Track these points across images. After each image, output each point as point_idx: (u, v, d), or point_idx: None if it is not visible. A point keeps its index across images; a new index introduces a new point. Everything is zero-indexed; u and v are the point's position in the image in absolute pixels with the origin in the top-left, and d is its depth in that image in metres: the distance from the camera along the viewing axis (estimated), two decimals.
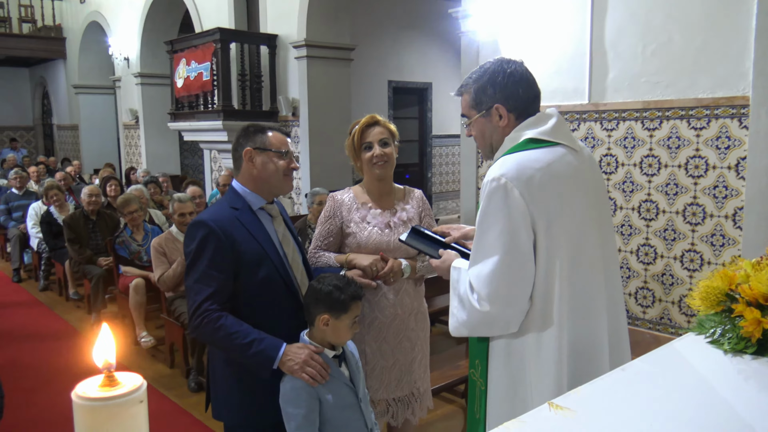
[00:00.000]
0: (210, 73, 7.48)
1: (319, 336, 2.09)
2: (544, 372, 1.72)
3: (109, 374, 0.66)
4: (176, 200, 4.61)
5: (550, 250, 1.69)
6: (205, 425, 3.59)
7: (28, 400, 3.95)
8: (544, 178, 1.69)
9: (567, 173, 1.75)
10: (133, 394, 0.64)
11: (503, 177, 1.67)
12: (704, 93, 4.05)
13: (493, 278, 1.67)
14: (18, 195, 7.79)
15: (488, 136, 1.87)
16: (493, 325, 1.74)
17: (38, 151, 16.53)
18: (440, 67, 11.54)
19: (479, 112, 1.85)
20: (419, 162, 11.89)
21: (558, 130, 1.79)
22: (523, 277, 1.68)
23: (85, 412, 0.63)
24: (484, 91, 1.83)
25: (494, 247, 1.67)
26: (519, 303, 1.70)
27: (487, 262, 1.69)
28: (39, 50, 14.26)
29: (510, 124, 1.82)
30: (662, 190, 4.33)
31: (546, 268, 1.69)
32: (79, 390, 0.66)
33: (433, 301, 4.55)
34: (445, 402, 3.91)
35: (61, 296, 6.57)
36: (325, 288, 2.06)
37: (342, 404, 2.06)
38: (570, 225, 1.73)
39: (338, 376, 2.08)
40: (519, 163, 1.70)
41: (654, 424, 1.08)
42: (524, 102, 1.81)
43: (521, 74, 1.83)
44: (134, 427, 0.64)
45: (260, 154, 2.15)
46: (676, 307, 4.35)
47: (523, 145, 1.76)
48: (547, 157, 1.73)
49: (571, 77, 4.74)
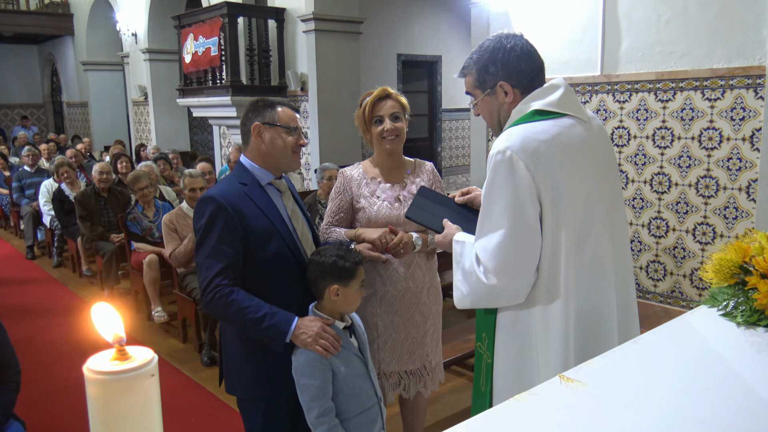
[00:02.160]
0: (218, 48, 7.43)
1: (329, 307, 2.11)
2: (550, 344, 1.72)
3: (120, 348, 0.66)
4: (187, 175, 4.62)
5: (557, 223, 1.68)
6: (219, 399, 3.64)
7: (44, 374, 4.02)
8: (550, 150, 1.67)
9: (574, 145, 1.73)
10: (144, 368, 0.64)
11: (508, 149, 1.66)
12: (719, 63, 3.98)
13: (499, 251, 1.67)
14: (30, 172, 7.83)
15: (496, 113, 1.86)
16: (500, 298, 1.75)
17: (48, 128, 16.59)
18: (450, 39, 11.41)
19: (484, 92, 1.84)
20: (429, 136, 11.83)
21: (565, 101, 1.77)
22: (530, 249, 1.68)
23: (97, 385, 0.64)
24: (486, 69, 1.82)
25: (500, 220, 1.67)
26: (525, 275, 1.69)
27: (493, 236, 1.68)
28: (47, 27, 14.21)
29: (516, 99, 1.80)
30: (675, 162, 4.28)
31: (552, 240, 1.68)
32: (90, 364, 0.66)
33: (445, 274, 4.55)
34: (455, 375, 3.93)
35: (75, 273, 6.63)
36: (328, 260, 2.08)
37: (353, 374, 2.09)
38: (577, 197, 1.71)
39: (349, 347, 2.11)
40: (524, 134, 1.68)
41: (666, 397, 1.08)
42: (528, 76, 1.79)
43: (522, 48, 1.80)
44: (146, 400, 0.64)
45: (269, 130, 2.14)
46: (687, 281, 4.33)
47: (530, 116, 1.74)
48: (553, 129, 1.71)
49: (584, 48, 4.67)
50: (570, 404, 1.05)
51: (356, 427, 2.09)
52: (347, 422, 2.07)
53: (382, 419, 2.18)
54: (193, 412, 3.54)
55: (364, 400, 2.11)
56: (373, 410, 2.14)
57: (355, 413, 2.09)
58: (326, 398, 2.03)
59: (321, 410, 2.02)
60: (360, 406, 2.10)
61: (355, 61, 7.64)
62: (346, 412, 2.07)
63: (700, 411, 1.03)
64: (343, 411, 2.07)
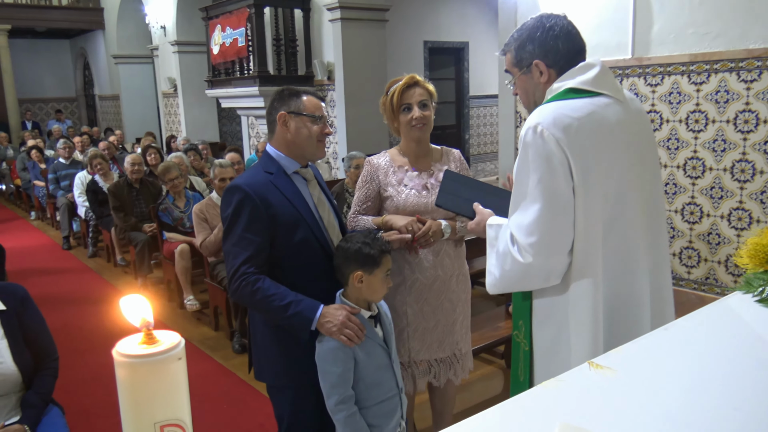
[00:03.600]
0: (245, 39, 7.47)
1: (354, 295, 2.11)
2: (580, 329, 1.70)
3: (148, 332, 0.67)
4: (217, 165, 4.68)
5: (588, 202, 1.65)
6: (250, 385, 3.69)
7: (80, 361, 4.12)
8: (582, 127, 1.64)
9: (608, 123, 1.69)
10: (171, 351, 0.65)
11: (539, 125, 1.64)
12: (755, 43, 3.86)
13: (535, 227, 1.64)
14: (65, 164, 8.00)
15: (531, 93, 1.84)
16: (534, 278, 1.71)
17: (81, 121, 16.91)
18: (478, 25, 11.28)
19: (521, 70, 1.82)
20: (456, 123, 11.74)
21: (601, 80, 1.73)
22: (565, 225, 1.65)
23: (126, 368, 0.65)
24: (524, 47, 1.80)
25: (534, 195, 1.64)
26: (561, 252, 1.66)
27: (527, 212, 1.66)
28: (78, 21, 14.47)
29: (551, 79, 1.77)
30: (709, 146, 4.18)
31: (585, 219, 1.66)
32: (119, 347, 0.68)
33: (473, 262, 4.53)
34: (484, 363, 3.93)
35: (109, 262, 6.78)
36: (353, 246, 2.07)
37: (375, 364, 2.09)
38: (608, 178, 1.68)
39: (373, 337, 2.11)
40: (556, 111, 1.66)
41: (699, 383, 1.06)
42: (565, 56, 1.76)
43: (561, 28, 1.77)
44: (174, 383, 0.66)
45: (294, 119, 2.14)
46: (722, 267, 4.24)
47: (563, 94, 1.71)
48: (587, 107, 1.68)
49: (614, 31, 4.57)
50: (599, 391, 1.04)
51: (375, 416, 2.09)
52: (366, 410, 2.08)
53: (401, 410, 2.18)
54: (224, 398, 3.60)
55: (384, 390, 2.11)
56: (393, 401, 2.13)
57: (375, 402, 2.09)
58: (346, 386, 2.04)
59: (341, 397, 2.03)
60: (380, 396, 2.10)
61: (381, 49, 7.61)
62: (366, 401, 2.09)
63: (734, 397, 1.01)
64: (362, 399, 2.08)
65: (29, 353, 2.37)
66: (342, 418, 2.04)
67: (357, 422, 2.05)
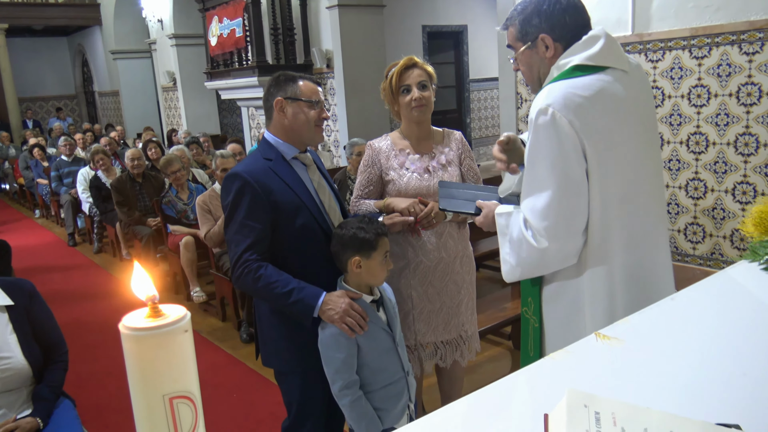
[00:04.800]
0: (243, 29, 7.44)
1: (354, 280, 2.10)
2: (597, 305, 1.70)
3: (153, 305, 0.67)
4: (219, 156, 4.68)
5: (603, 181, 1.64)
6: (259, 373, 3.71)
7: (91, 355, 4.15)
8: (593, 106, 1.62)
9: (618, 100, 1.67)
10: (178, 323, 0.66)
11: (550, 107, 1.61)
12: (757, 15, 3.82)
13: (549, 212, 1.63)
14: (67, 162, 8.01)
15: (536, 68, 1.80)
16: (551, 262, 1.70)
17: (82, 118, 16.91)
18: (476, 7, 11.19)
19: (525, 44, 1.78)
20: (457, 107, 11.68)
21: (606, 52, 1.70)
22: (579, 208, 1.64)
23: (133, 341, 0.65)
24: (530, 21, 1.76)
25: (547, 179, 1.63)
26: (576, 235, 1.66)
27: (540, 196, 1.64)
28: (75, 18, 14.43)
29: (557, 54, 1.74)
30: (712, 121, 4.15)
31: (600, 199, 1.65)
32: (126, 321, 0.68)
33: (478, 245, 4.53)
34: (492, 344, 3.94)
35: (115, 257, 6.80)
36: (348, 232, 2.06)
37: (379, 348, 2.09)
38: (622, 155, 1.67)
39: (376, 321, 2.10)
40: (566, 90, 1.63)
41: (706, 350, 1.06)
42: (572, 30, 1.73)
43: (568, 1, 1.74)
44: (181, 355, 0.66)
45: (291, 104, 2.13)
46: (727, 242, 4.23)
47: (570, 72, 1.69)
48: (596, 84, 1.66)
49: (614, 7, 4.53)
50: (606, 360, 1.04)
51: (381, 399, 2.10)
52: (372, 394, 2.09)
53: (409, 392, 2.18)
54: (234, 387, 3.62)
55: (389, 374, 2.11)
56: (399, 384, 2.14)
57: (380, 386, 2.10)
58: (350, 371, 2.05)
59: (345, 383, 2.04)
60: (385, 380, 2.10)
61: (379, 35, 7.57)
62: (371, 385, 2.09)
63: (742, 363, 1.01)
64: (367, 384, 2.09)
65: (38, 347, 2.38)
66: (347, 403, 2.05)
67: (362, 406, 2.05)
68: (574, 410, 0.78)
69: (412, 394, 2.21)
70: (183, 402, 0.67)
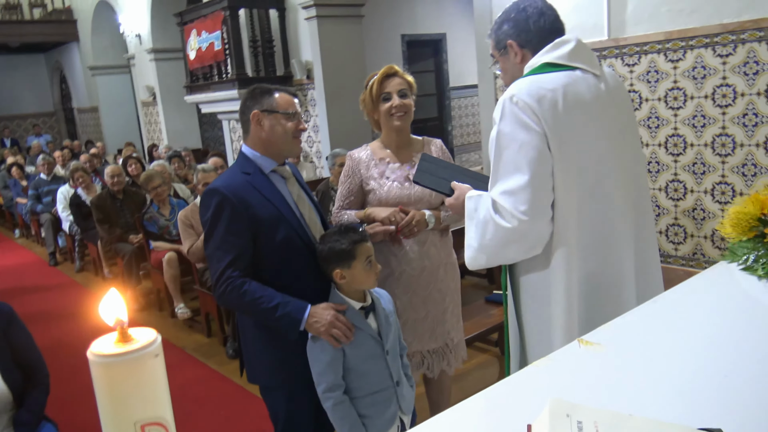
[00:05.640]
0: (221, 42, 7.42)
1: (345, 288, 2.11)
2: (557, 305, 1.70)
3: (122, 330, 0.66)
4: (200, 170, 4.64)
5: (565, 173, 1.66)
6: (245, 389, 3.67)
7: (72, 375, 4.07)
8: (556, 99, 1.66)
9: (583, 97, 1.71)
10: (147, 349, 0.64)
11: (515, 96, 1.67)
12: (729, 17, 3.88)
13: (520, 191, 1.64)
14: (47, 180, 7.90)
15: (510, 74, 1.87)
16: (516, 244, 1.69)
17: (62, 135, 16.72)
18: (454, 16, 11.28)
19: (499, 51, 1.86)
20: (438, 115, 11.74)
21: (576, 54, 1.75)
22: (548, 188, 1.66)
23: (102, 368, 0.64)
24: (501, 28, 1.84)
25: (516, 162, 1.65)
26: (546, 216, 1.67)
27: (512, 178, 1.66)
28: (52, 34, 14.28)
29: (525, 59, 1.80)
30: (689, 123, 4.20)
31: (563, 192, 1.67)
32: (94, 347, 0.66)
33: (462, 252, 4.53)
34: (479, 352, 3.93)
35: (97, 276, 6.71)
36: (325, 246, 2.08)
37: (365, 355, 2.09)
38: (583, 152, 1.69)
39: (365, 328, 2.10)
40: (531, 83, 1.69)
41: (688, 353, 1.06)
42: (537, 36, 1.77)
43: (535, 8, 1.79)
44: (151, 381, 0.64)
45: (268, 117, 2.12)
46: (708, 242, 4.27)
47: (540, 69, 1.74)
48: (562, 80, 1.70)
49: (590, 13, 4.58)
50: (589, 367, 1.04)
51: (366, 406, 2.10)
52: (358, 400, 2.09)
53: (398, 403, 2.16)
54: (221, 403, 3.58)
55: (374, 381, 2.10)
56: (386, 392, 2.12)
57: (366, 393, 2.10)
58: (334, 374, 2.05)
59: (328, 385, 2.05)
60: (371, 387, 2.10)
61: (359, 45, 7.59)
62: (356, 390, 2.09)
63: (723, 365, 1.01)
64: (353, 389, 2.09)
65: (18, 371, 2.34)
66: (330, 406, 2.06)
67: (345, 410, 2.06)
68: (556, 420, 0.78)
69: (404, 405, 2.19)
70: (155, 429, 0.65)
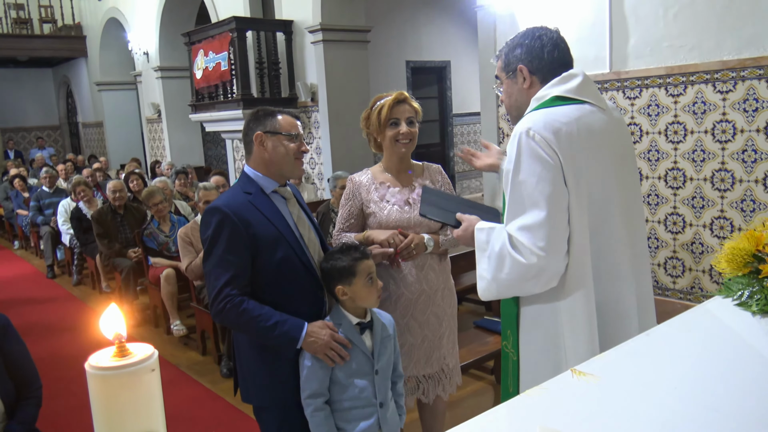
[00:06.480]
0: (228, 63, 7.50)
1: (348, 305, 2.15)
2: (578, 336, 1.70)
3: (120, 345, 0.67)
4: (201, 188, 4.66)
5: (580, 206, 1.67)
6: (238, 409, 3.65)
7: (66, 388, 4.06)
8: (571, 132, 1.68)
9: (595, 130, 1.74)
10: (144, 363, 0.65)
11: (531, 129, 1.67)
12: (729, 55, 3.94)
13: (539, 228, 1.64)
14: (49, 193, 7.94)
15: (514, 98, 1.89)
16: (534, 279, 1.68)
17: (66, 149, 16.81)
18: (459, 44, 11.40)
19: (507, 74, 1.88)
20: (440, 141, 11.80)
21: (584, 89, 1.78)
22: (565, 224, 1.67)
23: (98, 381, 0.65)
24: (513, 51, 1.86)
25: (534, 197, 1.65)
26: (564, 251, 1.67)
27: (529, 214, 1.66)
28: (61, 50, 14.44)
29: (533, 86, 1.82)
30: (689, 157, 4.23)
31: (578, 224, 1.67)
32: (92, 360, 0.67)
33: (460, 278, 4.54)
34: (474, 379, 3.91)
35: (95, 290, 6.70)
36: (327, 264, 2.15)
37: (351, 370, 2.11)
38: (594, 184, 1.71)
39: (357, 343, 2.12)
40: (546, 117, 1.70)
41: (679, 387, 1.07)
42: (549, 65, 1.81)
43: (550, 38, 1.84)
44: (147, 395, 0.65)
45: (271, 138, 2.16)
46: (707, 276, 4.27)
47: (550, 102, 1.76)
48: (574, 113, 1.72)
49: (592, 46, 4.65)
50: (581, 397, 1.05)
51: (344, 420, 2.12)
52: (338, 413, 2.12)
53: (379, 424, 2.14)
54: (214, 422, 3.56)
55: (356, 396, 2.11)
56: (366, 410, 2.12)
57: (346, 406, 2.11)
58: (320, 383, 2.08)
59: (311, 392, 2.08)
60: (352, 402, 2.11)
61: (363, 70, 7.67)
62: (336, 402, 2.12)
63: (714, 400, 1.02)
64: (335, 401, 2.13)
65: (11, 383, 2.33)
66: (309, 413, 2.09)
67: (321, 418, 2.08)
68: None
69: (386, 429, 2.16)
70: None
